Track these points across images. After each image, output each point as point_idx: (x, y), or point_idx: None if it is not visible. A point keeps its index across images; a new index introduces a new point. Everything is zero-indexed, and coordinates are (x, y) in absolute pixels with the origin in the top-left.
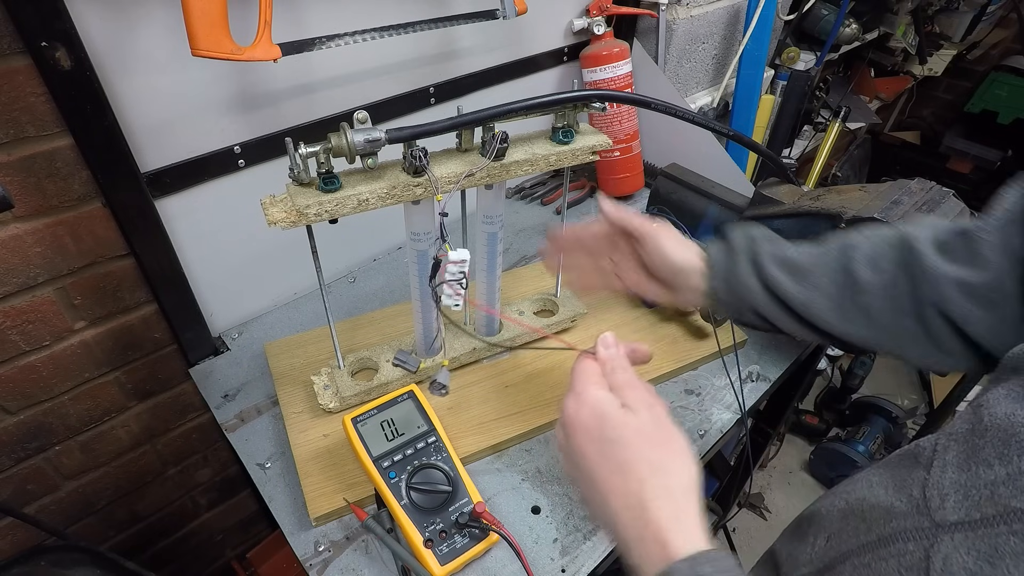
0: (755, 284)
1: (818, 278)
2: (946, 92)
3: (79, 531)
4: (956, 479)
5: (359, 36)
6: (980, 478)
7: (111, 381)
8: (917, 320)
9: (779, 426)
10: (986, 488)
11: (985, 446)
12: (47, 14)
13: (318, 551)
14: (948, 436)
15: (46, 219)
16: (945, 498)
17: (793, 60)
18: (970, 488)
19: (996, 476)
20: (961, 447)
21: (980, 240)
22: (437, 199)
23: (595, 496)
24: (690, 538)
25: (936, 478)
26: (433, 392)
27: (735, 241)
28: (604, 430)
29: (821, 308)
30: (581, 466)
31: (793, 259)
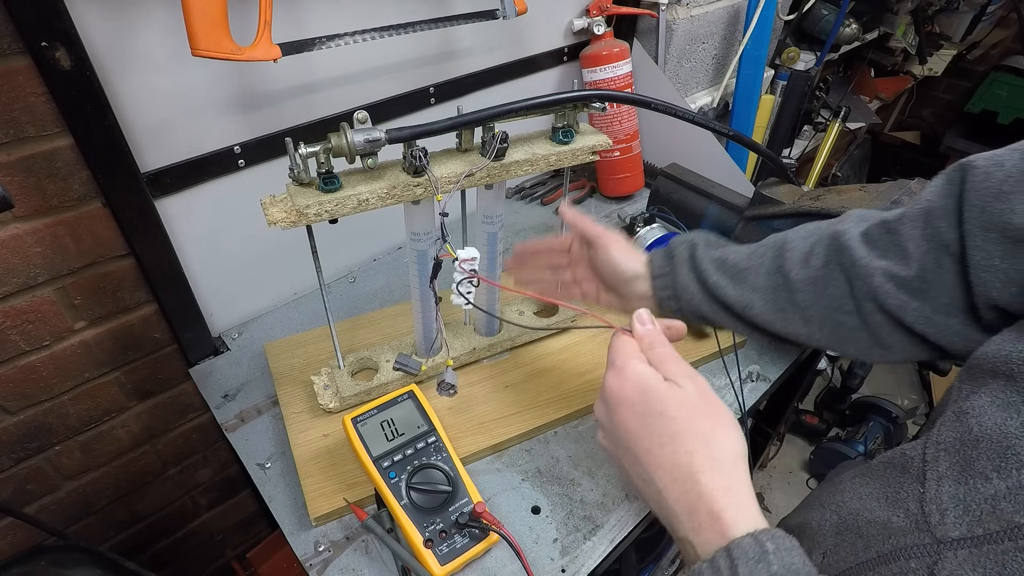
0: (696, 289)
1: (755, 279)
2: (946, 92)
3: (79, 531)
4: (954, 493)
5: (359, 36)
6: (979, 492)
7: (111, 381)
8: (855, 315)
9: (779, 426)
10: (987, 503)
11: (980, 458)
12: (47, 14)
13: (318, 551)
14: (937, 445)
15: (46, 219)
16: (945, 513)
17: (793, 60)
18: (970, 503)
19: (996, 490)
20: (954, 458)
21: (902, 232)
22: (437, 199)
23: (639, 470)
24: (742, 510)
25: (933, 492)
26: (441, 393)
27: (675, 248)
28: (649, 403)
29: (760, 309)
30: (624, 441)
31: (731, 261)
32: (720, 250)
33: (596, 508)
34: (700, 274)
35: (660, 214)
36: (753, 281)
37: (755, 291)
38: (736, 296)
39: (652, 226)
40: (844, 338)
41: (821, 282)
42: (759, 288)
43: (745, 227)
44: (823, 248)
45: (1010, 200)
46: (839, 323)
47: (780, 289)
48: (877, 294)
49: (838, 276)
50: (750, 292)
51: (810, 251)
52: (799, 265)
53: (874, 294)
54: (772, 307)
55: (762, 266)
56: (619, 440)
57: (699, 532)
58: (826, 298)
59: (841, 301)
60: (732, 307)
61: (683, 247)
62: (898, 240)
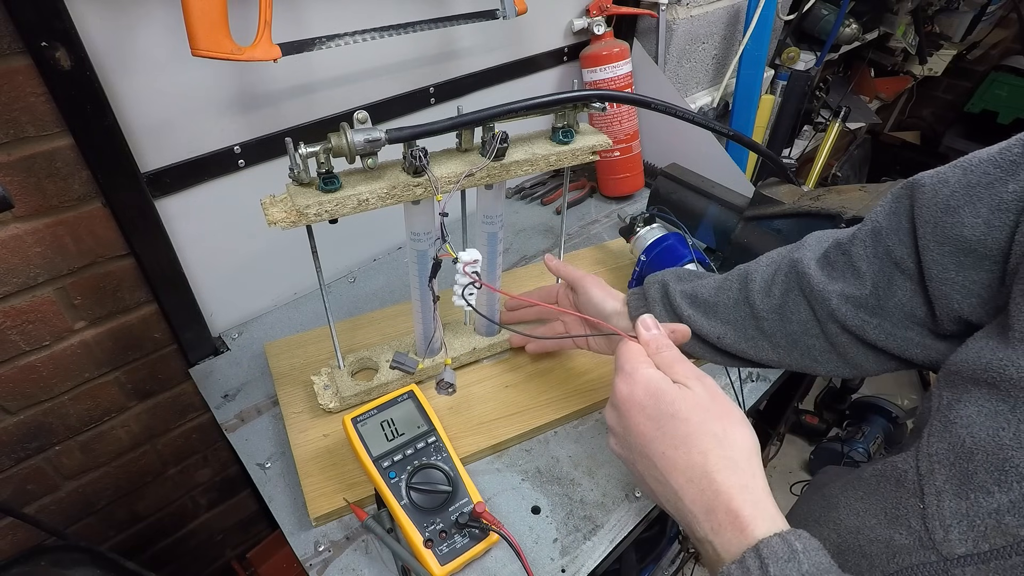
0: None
1: (724, 312)
2: (946, 92)
3: (79, 531)
4: (956, 508)
5: (359, 36)
6: (982, 506)
7: (111, 381)
8: (822, 337)
9: (779, 426)
10: (990, 517)
11: (977, 471)
12: (47, 14)
13: (318, 551)
14: (930, 458)
15: (46, 219)
16: (949, 529)
17: (793, 60)
18: (973, 518)
19: (999, 504)
20: (950, 471)
21: (853, 252)
22: (437, 199)
23: (654, 473)
24: (760, 508)
25: (934, 508)
26: (440, 392)
27: (648, 288)
28: (660, 406)
29: (732, 339)
30: (637, 445)
31: (702, 296)
32: (690, 285)
33: (596, 508)
34: (674, 310)
35: (660, 214)
36: (723, 314)
37: (726, 323)
38: (709, 328)
39: (652, 226)
40: (815, 360)
41: (784, 309)
42: (729, 320)
43: (745, 227)
44: (783, 276)
45: (958, 213)
46: (808, 346)
47: (748, 319)
48: (837, 315)
49: (799, 302)
50: (721, 324)
51: (771, 280)
52: (762, 295)
53: (834, 316)
54: (742, 336)
55: (729, 299)
56: (632, 445)
57: (718, 532)
58: (791, 323)
59: (807, 325)
60: (706, 339)
61: (655, 288)
62: (851, 260)
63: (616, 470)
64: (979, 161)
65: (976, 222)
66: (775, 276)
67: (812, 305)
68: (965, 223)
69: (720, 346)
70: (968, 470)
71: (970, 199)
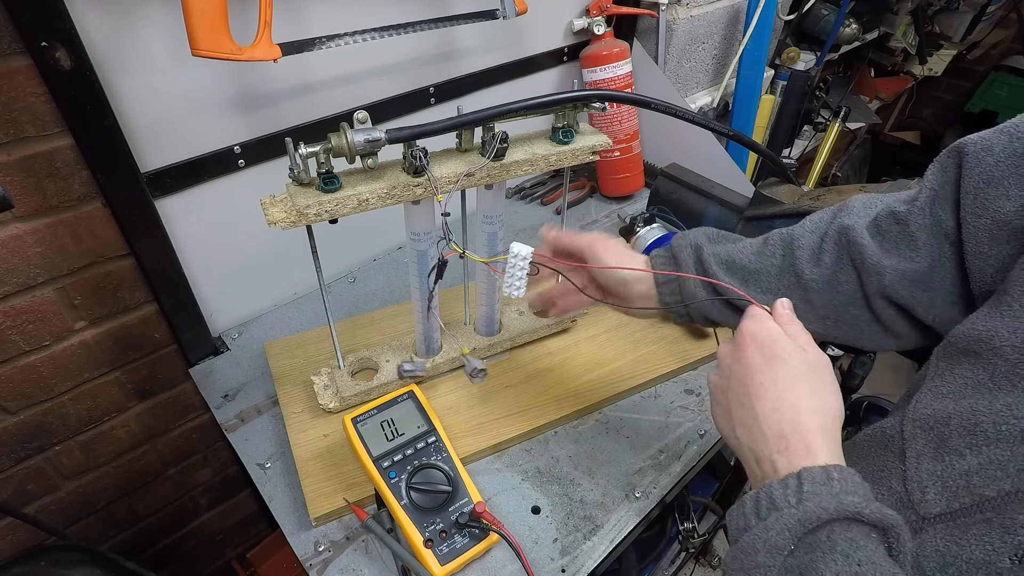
0: (704, 293)
1: (767, 280)
2: (946, 92)
3: (79, 531)
4: (932, 470)
5: (359, 36)
6: (955, 468)
7: (111, 381)
8: (867, 309)
9: None
10: (961, 478)
11: (952, 435)
12: (47, 14)
13: (318, 551)
14: (913, 423)
15: (46, 219)
16: (926, 490)
17: (793, 60)
18: (947, 479)
19: (969, 466)
20: (929, 435)
21: (912, 223)
22: (437, 199)
23: (741, 399)
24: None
25: (913, 470)
26: (476, 380)
27: (679, 252)
28: (775, 348)
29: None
30: (738, 374)
31: (740, 263)
32: (725, 248)
33: (596, 508)
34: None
35: (660, 214)
36: (766, 283)
37: (768, 292)
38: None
39: (652, 226)
40: (860, 332)
41: (834, 280)
42: (772, 289)
43: (745, 227)
44: (832, 244)
45: (1002, 185)
46: (854, 317)
47: (793, 288)
48: (888, 291)
49: (849, 272)
50: (763, 294)
51: (820, 248)
52: (810, 263)
53: (885, 291)
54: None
55: (772, 266)
56: (733, 374)
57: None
58: (839, 295)
59: (853, 297)
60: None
61: (688, 251)
62: (908, 231)
63: (616, 470)
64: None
65: (1020, 195)
66: (823, 243)
67: (861, 277)
68: (1010, 195)
69: None
70: (944, 434)
71: (1015, 170)
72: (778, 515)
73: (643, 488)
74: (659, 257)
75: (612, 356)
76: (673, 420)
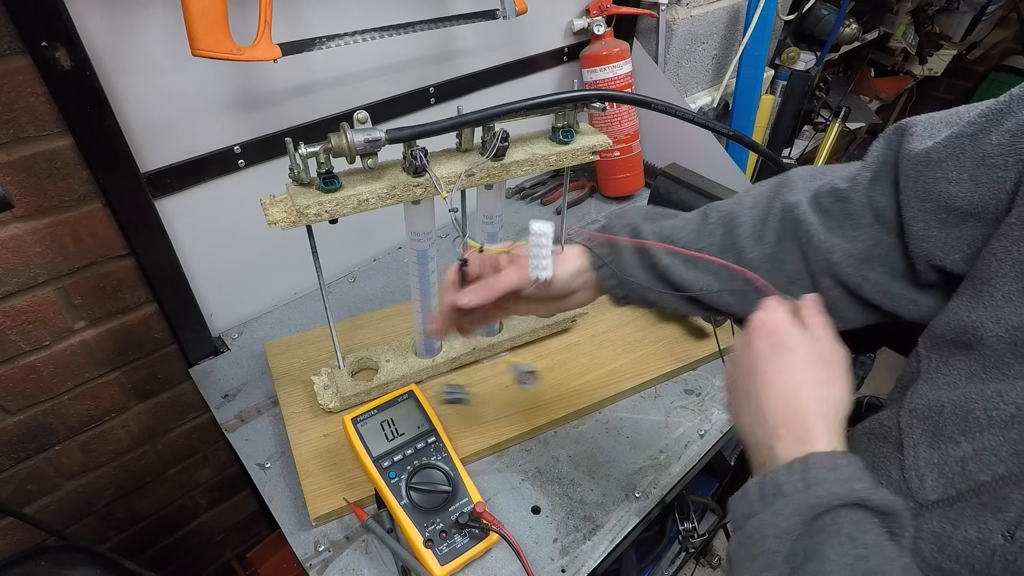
0: (644, 275)
1: (708, 261)
2: (946, 92)
3: (79, 531)
4: (929, 458)
5: (359, 36)
6: (950, 455)
7: (111, 381)
8: (811, 289)
9: None
10: (957, 465)
11: (946, 423)
12: (47, 14)
13: (318, 551)
14: (910, 413)
15: (46, 219)
16: (923, 478)
17: (793, 60)
18: (943, 466)
19: (964, 453)
20: (925, 425)
21: (855, 201)
22: (442, 197)
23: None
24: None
25: (911, 459)
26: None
27: (616, 231)
28: (783, 339)
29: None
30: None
31: (681, 242)
32: (661, 225)
33: (596, 508)
34: (649, 259)
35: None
36: (706, 264)
37: (710, 272)
38: (691, 279)
39: None
40: None
41: (776, 259)
42: (713, 268)
43: None
44: (776, 222)
45: (942, 168)
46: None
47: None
48: (836, 270)
49: (793, 251)
50: (705, 273)
51: (762, 225)
52: (752, 241)
53: (833, 270)
54: (729, 287)
55: (713, 245)
56: (743, 363)
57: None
58: (782, 274)
59: (797, 276)
60: (688, 290)
61: (624, 231)
62: (850, 210)
63: (616, 470)
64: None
65: (961, 178)
66: (766, 220)
67: (807, 256)
68: (950, 179)
69: (704, 299)
70: (939, 423)
71: (954, 153)
72: (786, 500)
73: (643, 488)
74: (594, 240)
75: (612, 356)
76: (673, 420)
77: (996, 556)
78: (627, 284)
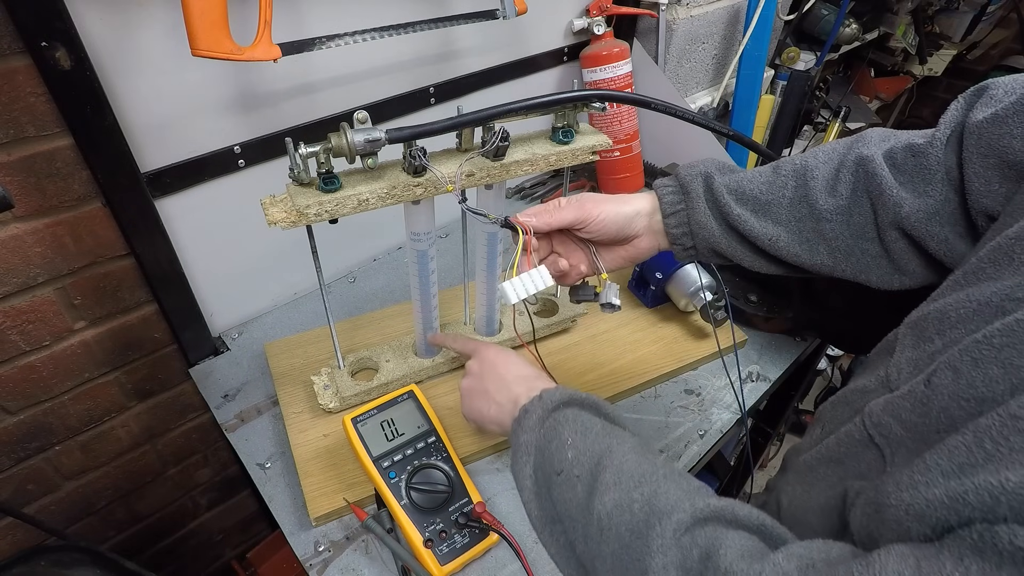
0: (715, 225)
1: (777, 211)
2: (946, 92)
3: (79, 531)
4: (910, 357)
5: (359, 36)
6: (924, 351)
7: (111, 381)
8: (877, 242)
9: (779, 426)
10: (928, 358)
11: (928, 326)
12: (47, 14)
13: (318, 551)
14: (906, 325)
15: (46, 219)
16: (900, 371)
17: (793, 60)
18: (917, 360)
19: (935, 348)
20: (913, 331)
21: (931, 156)
22: (448, 190)
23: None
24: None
25: (896, 358)
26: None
27: (689, 182)
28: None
29: (786, 241)
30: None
31: (752, 193)
32: (733, 178)
33: None
34: (721, 208)
35: None
36: (777, 213)
37: (778, 223)
38: (761, 230)
39: None
40: (867, 266)
41: (848, 211)
42: (782, 220)
43: None
44: (849, 175)
45: (1007, 124)
46: (863, 251)
47: (806, 219)
48: (904, 223)
49: (864, 204)
50: (773, 225)
51: (835, 178)
52: (825, 193)
53: (900, 223)
54: (798, 239)
55: (784, 197)
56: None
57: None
58: (852, 227)
59: (865, 229)
60: (756, 240)
61: (697, 181)
62: (925, 164)
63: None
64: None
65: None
66: (839, 173)
67: (876, 208)
68: (1015, 135)
69: (770, 249)
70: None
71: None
72: (531, 412)
73: None
74: (665, 187)
75: (612, 356)
76: (673, 420)
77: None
78: (696, 233)
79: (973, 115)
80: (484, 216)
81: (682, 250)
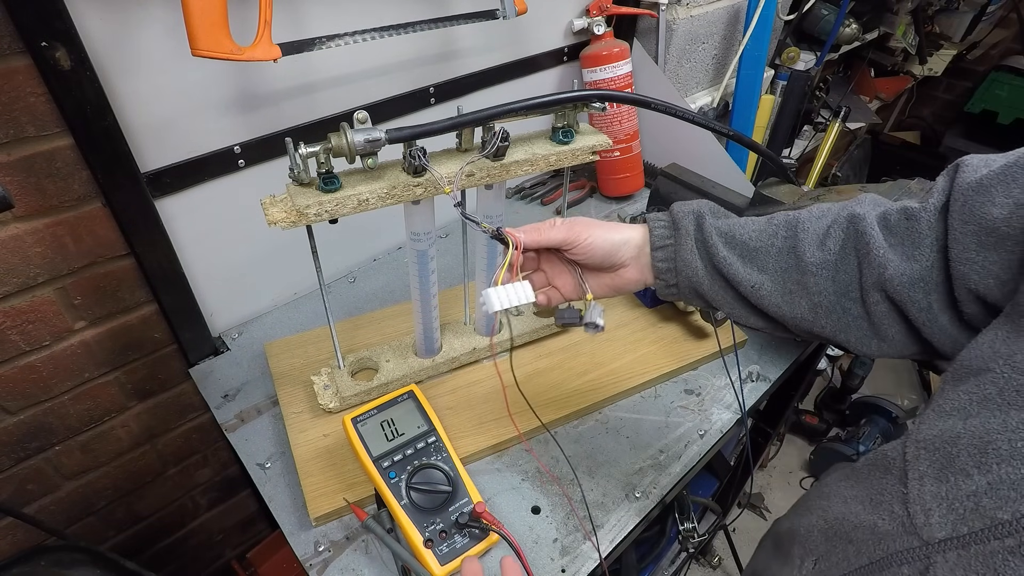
0: (700, 264)
1: (764, 259)
2: (946, 92)
3: (79, 531)
4: (936, 492)
5: (359, 36)
6: (961, 489)
7: (111, 381)
8: (859, 303)
9: (779, 426)
10: (969, 500)
11: (960, 454)
12: (47, 14)
13: (318, 551)
14: (917, 444)
15: (46, 219)
16: (929, 514)
17: (793, 60)
18: (952, 500)
19: (977, 486)
20: (934, 456)
21: (923, 221)
22: (446, 192)
23: None
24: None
25: (916, 492)
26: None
27: (680, 219)
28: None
29: (769, 290)
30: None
31: (740, 238)
32: (726, 222)
33: (596, 508)
34: (708, 249)
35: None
36: (763, 261)
37: (764, 271)
38: (745, 275)
39: None
40: (847, 326)
41: (835, 267)
42: (769, 269)
43: None
44: (840, 231)
45: (989, 193)
46: (845, 309)
47: (792, 271)
48: (887, 285)
49: (851, 261)
50: (759, 272)
51: (826, 233)
52: (814, 247)
53: (884, 285)
54: (781, 289)
55: (773, 246)
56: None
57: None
58: (836, 284)
59: (849, 287)
60: (739, 286)
61: (689, 219)
62: (917, 228)
63: (616, 470)
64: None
65: (1006, 202)
66: (831, 229)
67: (862, 267)
68: (995, 202)
69: (752, 297)
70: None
71: (1004, 179)
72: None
73: (643, 488)
74: (658, 220)
75: (612, 356)
76: (673, 420)
77: None
78: (680, 271)
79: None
80: (477, 224)
81: (664, 286)
